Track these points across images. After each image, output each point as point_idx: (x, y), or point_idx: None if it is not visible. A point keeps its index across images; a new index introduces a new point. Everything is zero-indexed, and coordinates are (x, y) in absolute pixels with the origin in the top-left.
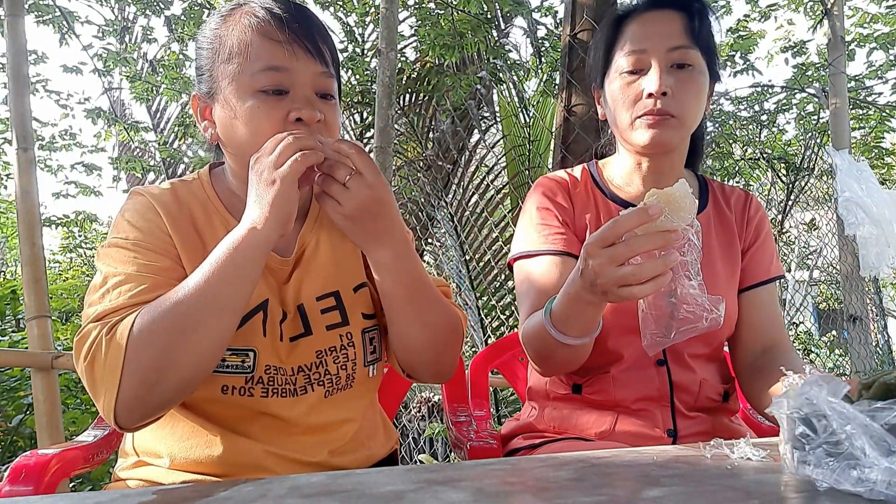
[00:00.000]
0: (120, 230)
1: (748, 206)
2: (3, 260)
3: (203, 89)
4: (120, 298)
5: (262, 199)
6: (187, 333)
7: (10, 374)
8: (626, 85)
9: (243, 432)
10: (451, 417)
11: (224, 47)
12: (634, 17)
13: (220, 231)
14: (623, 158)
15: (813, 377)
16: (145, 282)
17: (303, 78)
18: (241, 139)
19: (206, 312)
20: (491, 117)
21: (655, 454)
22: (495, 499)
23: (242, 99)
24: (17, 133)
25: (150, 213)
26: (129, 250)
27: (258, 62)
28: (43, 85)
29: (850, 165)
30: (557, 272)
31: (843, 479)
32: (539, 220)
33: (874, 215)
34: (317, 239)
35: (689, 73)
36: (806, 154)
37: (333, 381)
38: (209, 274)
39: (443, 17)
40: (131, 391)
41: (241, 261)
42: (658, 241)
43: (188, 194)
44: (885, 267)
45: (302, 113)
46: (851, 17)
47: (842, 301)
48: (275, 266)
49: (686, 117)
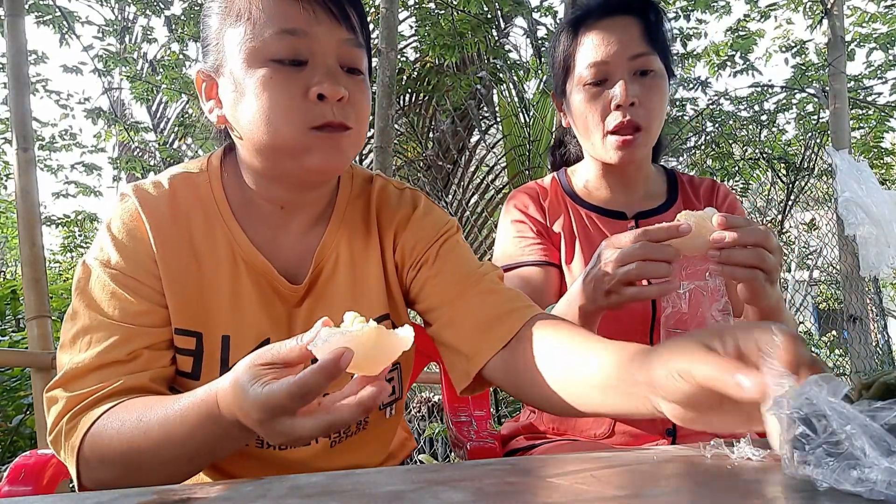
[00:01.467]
0: (103, 247)
1: (716, 193)
2: (3, 260)
3: (208, 63)
4: (89, 352)
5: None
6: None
7: (10, 374)
8: (592, 98)
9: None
10: (451, 417)
11: (232, 10)
12: (591, 25)
13: (222, 245)
14: (590, 165)
15: (813, 377)
16: (116, 333)
17: (325, 45)
18: (250, 119)
19: (163, 470)
20: (491, 117)
21: (655, 454)
22: (495, 499)
23: (252, 69)
24: (17, 133)
25: (136, 231)
26: (107, 282)
27: (270, 25)
28: (43, 85)
29: (850, 165)
30: (539, 280)
31: (843, 479)
32: (515, 232)
33: (874, 215)
34: (336, 256)
35: (652, 79)
36: (806, 154)
37: (340, 431)
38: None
39: (443, 17)
40: (90, 485)
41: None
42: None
43: (190, 195)
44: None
45: (324, 87)
46: (850, 16)
47: (842, 301)
48: (285, 293)
49: (652, 127)
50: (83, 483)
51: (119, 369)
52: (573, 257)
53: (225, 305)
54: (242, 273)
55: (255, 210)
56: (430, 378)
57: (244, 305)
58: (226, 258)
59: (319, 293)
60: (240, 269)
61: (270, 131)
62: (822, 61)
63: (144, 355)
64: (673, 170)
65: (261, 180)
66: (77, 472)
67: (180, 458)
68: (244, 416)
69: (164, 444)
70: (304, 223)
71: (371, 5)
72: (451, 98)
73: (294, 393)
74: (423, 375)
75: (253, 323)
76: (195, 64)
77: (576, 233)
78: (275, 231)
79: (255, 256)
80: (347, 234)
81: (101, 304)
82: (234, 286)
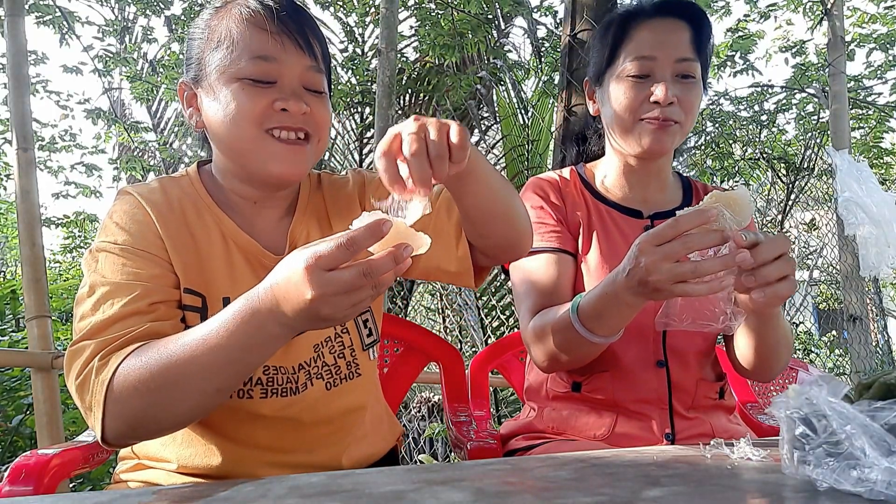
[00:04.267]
0: (108, 233)
1: None
2: (3, 260)
3: (189, 76)
4: (113, 309)
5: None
6: (171, 400)
7: (10, 374)
8: (632, 88)
9: (244, 439)
10: (451, 417)
11: (214, 36)
12: (643, 22)
13: (213, 230)
14: (611, 161)
15: (813, 377)
16: (135, 290)
17: (291, 70)
18: (222, 125)
19: (196, 386)
20: (491, 117)
21: (655, 454)
22: (495, 499)
23: (228, 86)
24: (18, 133)
25: (139, 215)
26: (117, 256)
27: (246, 51)
28: (43, 85)
29: (850, 165)
30: (555, 269)
31: (843, 479)
32: (535, 218)
33: (874, 215)
34: (307, 232)
35: (691, 84)
36: (806, 154)
37: (333, 372)
38: (211, 347)
39: (443, 17)
40: (115, 425)
41: (251, 353)
42: (713, 239)
43: (178, 191)
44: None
45: (288, 104)
46: (850, 17)
47: (842, 301)
48: (268, 263)
49: (686, 124)
50: (107, 427)
51: (142, 318)
52: (589, 249)
53: (223, 273)
54: (233, 249)
55: (233, 204)
56: (430, 378)
57: (238, 274)
58: (217, 238)
59: None
60: (230, 246)
61: (235, 132)
62: (822, 61)
63: (162, 308)
64: (688, 177)
65: (234, 180)
66: (103, 411)
67: (218, 365)
68: (292, 281)
69: (203, 351)
70: (274, 215)
71: (371, 5)
72: (451, 98)
73: (342, 243)
74: (423, 375)
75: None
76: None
77: (593, 226)
78: (251, 219)
79: (240, 235)
80: (314, 219)
81: (117, 274)
82: (228, 259)
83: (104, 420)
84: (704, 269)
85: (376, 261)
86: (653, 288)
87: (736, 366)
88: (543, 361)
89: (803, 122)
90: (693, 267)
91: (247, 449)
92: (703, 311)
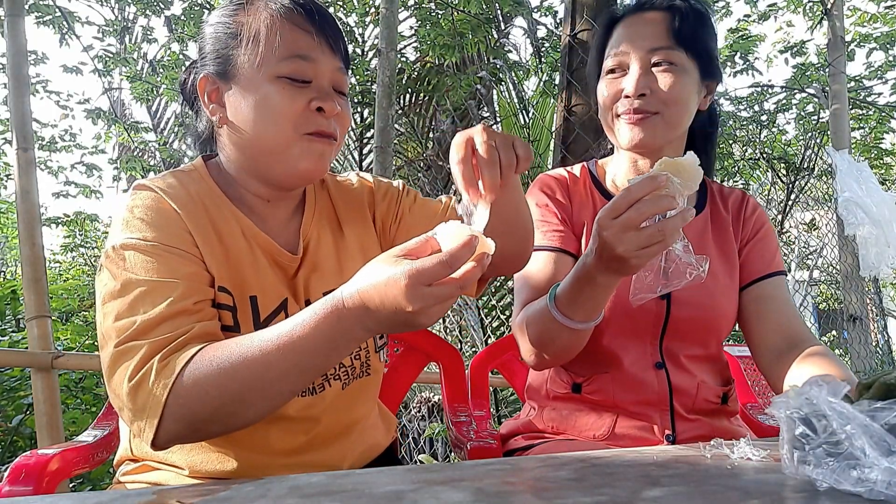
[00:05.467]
0: (133, 229)
1: (744, 206)
2: (3, 260)
3: (213, 71)
4: (157, 309)
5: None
6: (244, 403)
7: (10, 374)
8: (608, 84)
9: (257, 444)
10: (451, 417)
11: (246, 31)
12: (622, 19)
13: (233, 224)
14: (620, 158)
15: (813, 377)
16: (177, 288)
17: (324, 70)
18: (258, 124)
19: (273, 389)
20: (491, 117)
21: (655, 454)
22: (495, 499)
23: (265, 84)
24: (17, 133)
25: (165, 209)
26: (149, 254)
27: (285, 48)
28: (43, 86)
29: (850, 165)
30: (553, 268)
31: (843, 479)
32: (538, 216)
33: (874, 215)
34: (318, 233)
35: (671, 70)
36: (806, 154)
37: (349, 373)
38: (292, 350)
39: (443, 17)
40: (173, 428)
41: (331, 355)
42: (663, 204)
43: (194, 186)
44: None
45: (324, 103)
46: (851, 17)
47: (842, 301)
48: (285, 263)
49: (668, 113)
50: (162, 429)
51: (189, 318)
52: None
53: (249, 271)
54: (255, 247)
55: (245, 202)
56: (430, 378)
57: (262, 272)
58: (239, 234)
59: (311, 263)
60: (252, 243)
61: (271, 129)
62: (822, 61)
63: (206, 307)
64: (704, 178)
65: (248, 178)
66: (161, 415)
67: (295, 366)
68: (390, 294)
69: (283, 352)
70: (286, 213)
71: (371, 5)
72: (451, 98)
73: (444, 261)
74: (423, 375)
75: (273, 285)
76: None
77: None
78: (264, 218)
79: (259, 234)
80: (324, 219)
81: (152, 273)
82: (253, 257)
83: (161, 422)
84: (668, 228)
85: (469, 274)
86: (621, 259)
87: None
88: (529, 355)
89: (803, 122)
90: (655, 230)
91: (259, 454)
92: (668, 272)
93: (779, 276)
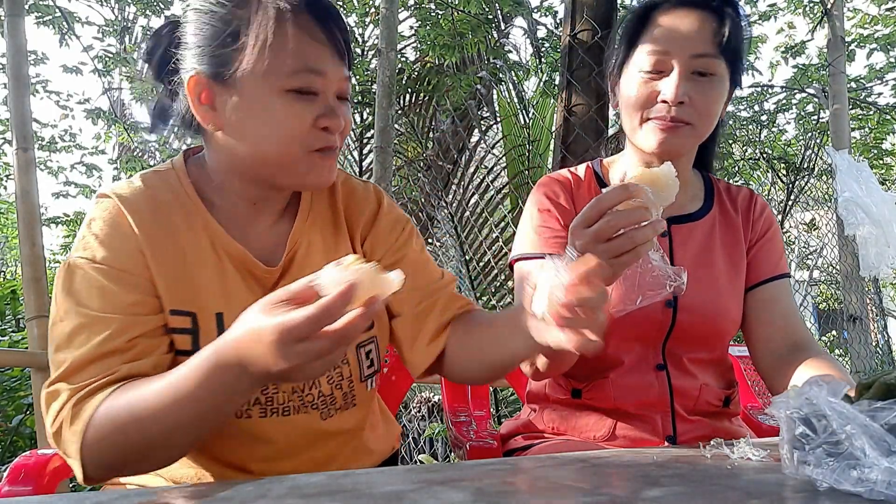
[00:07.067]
0: (86, 247)
1: (753, 206)
2: (3, 260)
3: (205, 71)
4: (88, 345)
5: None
6: (152, 448)
7: (10, 374)
8: (642, 84)
9: (239, 462)
10: (451, 417)
11: (254, 36)
12: (663, 11)
13: (202, 235)
14: (630, 158)
15: (813, 377)
16: (112, 325)
17: (331, 82)
18: (261, 138)
19: (173, 439)
20: (491, 117)
21: (655, 454)
22: (495, 499)
23: (271, 97)
24: (17, 133)
25: (119, 225)
26: (94, 277)
27: (296, 61)
28: (43, 86)
29: (850, 165)
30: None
31: (843, 479)
32: (540, 222)
33: (874, 215)
34: (308, 241)
35: (710, 81)
36: (806, 154)
37: (328, 402)
38: (181, 401)
39: (443, 17)
40: (96, 472)
41: (222, 407)
42: (635, 216)
43: (165, 190)
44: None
45: (331, 121)
46: (852, 18)
47: (842, 301)
48: (260, 275)
49: (700, 125)
50: (87, 472)
51: (119, 358)
52: None
53: (214, 286)
54: (224, 259)
55: (226, 204)
56: (430, 378)
57: (230, 286)
58: (207, 246)
59: (295, 274)
60: (221, 255)
61: (280, 150)
62: (823, 62)
63: (142, 343)
64: (710, 176)
65: (234, 180)
66: (81, 459)
67: (187, 419)
68: (259, 349)
69: (171, 406)
70: (272, 215)
71: (371, 5)
72: (451, 98)
73: (313, 315)
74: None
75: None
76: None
77: None
78: (245, 222)
79: (231, 244)
80: (319, 224)
81: (92, 301)
82: (219, 270)
83: (83, 465)
84: (638, 237)
85: (350, 326)
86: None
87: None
88: (525, 366)
89: (803, 123)
90: (626, 239)
91: (241, 473)
92: (646, 284)
93: (784, 280)
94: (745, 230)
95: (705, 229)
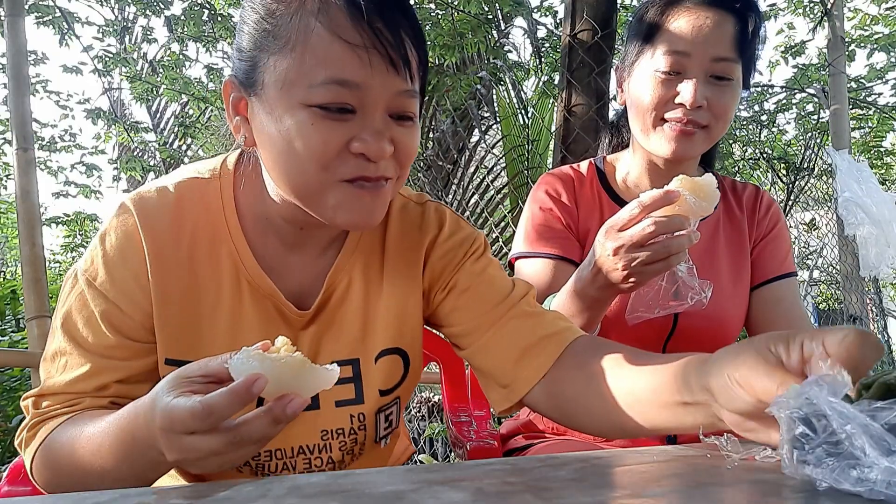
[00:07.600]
0: (94, 261)
1: (759, 203)
2: (3, 260)
3: (240, 75)
4: (58, 378)
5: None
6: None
7: (10, 374)
8: (658, 84)
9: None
10: (451, 417)
11: (278, 31)
12: (685, 9)
13: (226, 265)
14: (635, 157)
15: (813, 377)
16: (87, 363)
17: (376, 98)
18: (281, 160)
19: (107, 477)
20: (491, 117)
21: (655, 454)
22: (495, 499)
23: (292, 109)
24: (17, 133)
25: (131, 249)
26: (90, 299)
27: (321, 69)
28: (43, 86)
29: (850, 165)
30: (551, 276)
31: (842, 478)
32: (541, 220)
33: (874, 215)
34: (349, 281)
35: (727, 86)
36: (806, 154)
37: (336, 465)
38: (105, 457)
39: (443, 17)
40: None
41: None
42: (676, 225)
43: (197, 203)
44: (885, 267)
45: (368, 147)
46: (852, 18)
47: (842, 301)
48: (290, 317)
49: (715, 129)
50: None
51: (86, 397)
52: None
53: (223, 329)
54: (245, 294)
55: (271, 227)
56: (430, 378)
57: (244, 329)
58: (228, 279)
59: (328, 319)
60: (242, 290)
61: (298, 176)
62: (823, 62)
63: (113, 388)
64: (715, 172)
65: (284, 201)
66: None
67: (108, 473)
68: (151, 431)
69: (95, 459)
70: (320, 243)
71: None
72: (451, 98)
73: (197, 412)
74: (424, 375)
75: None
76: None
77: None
78: (288, 250)
79: (260, 278)
80: (363, 259)
81: (78, 327)
82: (235, 309)
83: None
84: (674, 247)
85: (248, 427)
86: (623, 276)
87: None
88: None
89: (803, 122)
90: (661, 246)
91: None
92: (669, 294)
93: (790, 279)
94: (749, 229)
95: (709, 230)
